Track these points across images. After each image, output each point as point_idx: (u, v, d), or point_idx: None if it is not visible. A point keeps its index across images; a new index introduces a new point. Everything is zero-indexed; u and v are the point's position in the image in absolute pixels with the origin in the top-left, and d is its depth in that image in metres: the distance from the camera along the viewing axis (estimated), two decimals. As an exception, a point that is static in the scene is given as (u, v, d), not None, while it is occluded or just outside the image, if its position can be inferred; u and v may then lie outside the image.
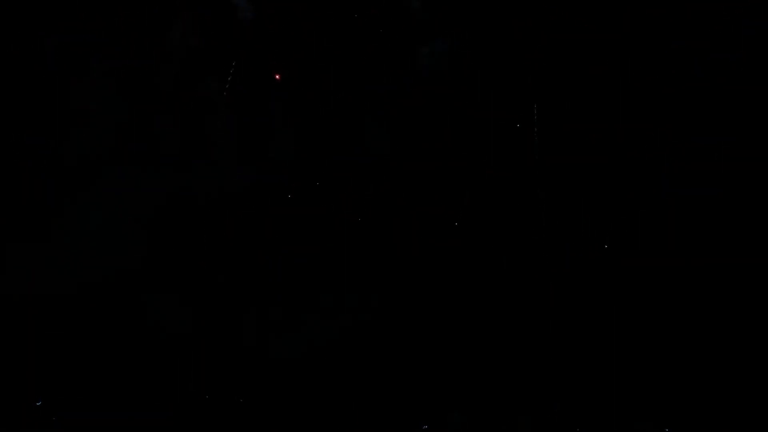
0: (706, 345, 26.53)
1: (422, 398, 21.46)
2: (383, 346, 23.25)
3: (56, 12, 24.79)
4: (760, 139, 27.74)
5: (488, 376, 22.72)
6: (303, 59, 26.57)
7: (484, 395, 23.33)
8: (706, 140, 25.84)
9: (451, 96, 27.29)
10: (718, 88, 27.98)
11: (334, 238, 27.22)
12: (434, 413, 21.09)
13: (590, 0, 26.01)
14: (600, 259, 27.22)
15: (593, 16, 26.50)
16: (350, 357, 21.51)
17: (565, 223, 27.20)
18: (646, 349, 26.02)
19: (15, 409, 18.01)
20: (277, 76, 26.04)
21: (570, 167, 27.76)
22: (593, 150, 28.02)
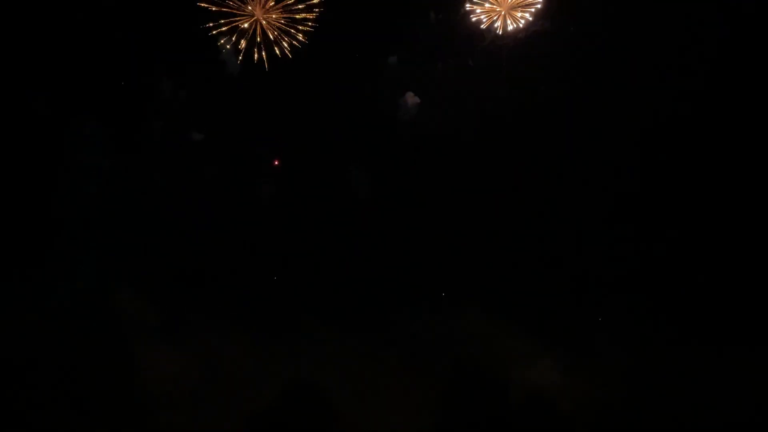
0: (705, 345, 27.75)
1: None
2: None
3: (49, 64, 26.35)
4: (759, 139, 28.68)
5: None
6: (288, 111, 28.53)
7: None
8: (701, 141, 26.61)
9: (424, 141, 29.55)
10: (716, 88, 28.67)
11: (320, 283, 28.64)
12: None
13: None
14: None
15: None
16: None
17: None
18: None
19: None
20: (276, 162, 28.31)
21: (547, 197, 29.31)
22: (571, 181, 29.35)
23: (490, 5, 26.52)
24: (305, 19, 27.35)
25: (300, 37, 27.55)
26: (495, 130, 28.58)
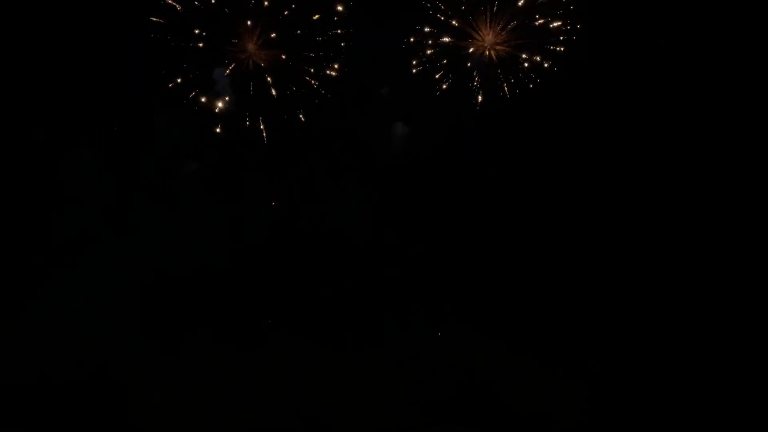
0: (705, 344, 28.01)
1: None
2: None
3: (47, 97, 27.06)
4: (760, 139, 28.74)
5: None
6: (278, 136, 28.91)
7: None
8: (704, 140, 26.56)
9: (412, 169, 30.10)
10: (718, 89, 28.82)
11: (311, 313, 29.25)
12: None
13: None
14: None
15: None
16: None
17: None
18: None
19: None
20: (273, 203, 28.18)
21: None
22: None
23: (473, 39, 26.52)
24: (323, 59, 25.60)
25: (314, 84, 25.59)
26: (482, 154, 29.02)
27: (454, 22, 26.47)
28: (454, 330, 28.91)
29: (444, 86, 26.59)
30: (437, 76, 27.35)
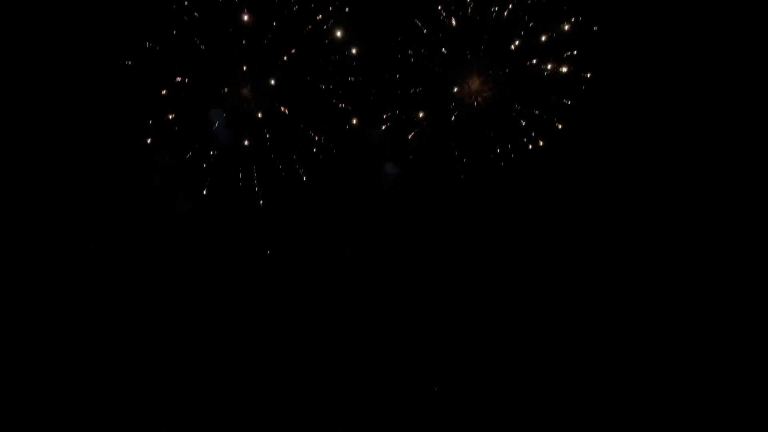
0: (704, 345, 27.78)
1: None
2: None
3: (46, 135, 27.57)
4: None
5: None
6: (276, 176, 29.34)
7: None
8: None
9: (402, 210, 30.59)
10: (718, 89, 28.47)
11: (306, 354, 29.63)
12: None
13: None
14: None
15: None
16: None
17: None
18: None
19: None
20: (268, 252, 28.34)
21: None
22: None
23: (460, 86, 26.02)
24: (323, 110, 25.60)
25: (312, 134, 25.54)
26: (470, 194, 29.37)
27: (435, 68, 26.02)
28: (453, 339, 29.61)
29: (421, 144, 26.81)
30: (412, 135, 27.34)
